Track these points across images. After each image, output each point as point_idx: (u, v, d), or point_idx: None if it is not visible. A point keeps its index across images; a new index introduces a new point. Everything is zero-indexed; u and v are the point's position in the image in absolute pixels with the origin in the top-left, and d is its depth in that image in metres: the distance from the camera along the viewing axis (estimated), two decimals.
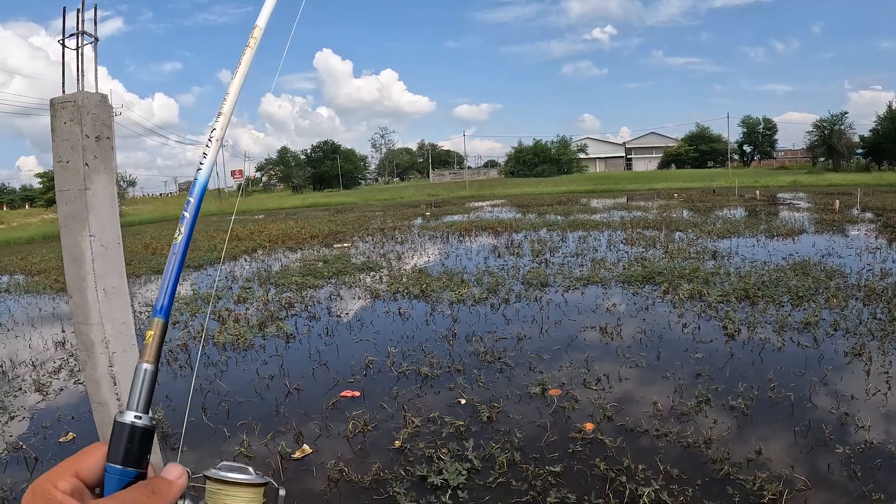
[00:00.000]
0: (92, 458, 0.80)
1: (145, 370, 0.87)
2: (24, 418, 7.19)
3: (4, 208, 78.96)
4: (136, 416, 0.82)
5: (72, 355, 9.45)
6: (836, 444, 5.27)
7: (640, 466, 5.02)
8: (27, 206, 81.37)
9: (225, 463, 0.87)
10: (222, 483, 0.84)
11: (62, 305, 13.83)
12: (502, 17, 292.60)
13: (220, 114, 1.02)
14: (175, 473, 0.82)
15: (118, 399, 5.00)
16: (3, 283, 18.81)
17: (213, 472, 0.85)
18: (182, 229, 0.94)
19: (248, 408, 6.95)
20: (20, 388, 8.18)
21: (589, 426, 5.89)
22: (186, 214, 0.94)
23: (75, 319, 5.10)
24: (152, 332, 0.89)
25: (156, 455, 5.49)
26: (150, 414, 0.85)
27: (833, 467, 4.93)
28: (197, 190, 0.97)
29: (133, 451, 0.80)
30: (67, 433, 6.58)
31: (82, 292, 4.90)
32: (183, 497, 0.83)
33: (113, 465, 0.79)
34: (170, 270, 0.92)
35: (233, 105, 1.02)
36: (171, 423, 6.62)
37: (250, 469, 0.86)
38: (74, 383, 8.22)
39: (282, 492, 0.90)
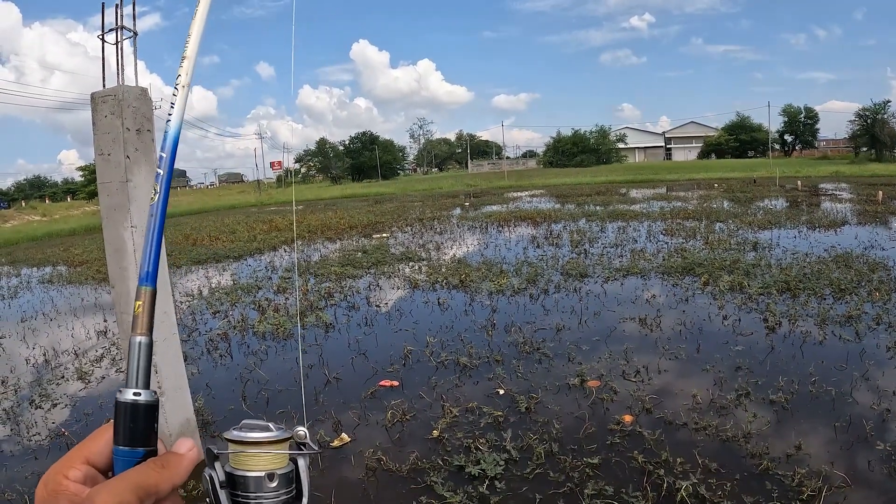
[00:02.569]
0: (100, 442, 0.79)
1: (139, 343, 0.81)
2: (66, 405, 7.32)
3: (47, 201, 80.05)
4: (135, 394, 0.78)
5: (113, 344, 9.59)
6: (876, 440, 5.17)
7: (679, 460, 4.99)
8: (69, 199, 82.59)
9: (246, 421, 0.84)
10: (244, 443, 0.81)
11: (104, 295, 14.04)
12: (539, 6, 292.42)
13: (184, 58, 0.94)
14: (186, 446, 0.80)
15: (160, 387, 5.08)
16: (46, 273, 19.15)
17: (233, 434, 0.82)
18: (157, 188, 0.87)
19: (287, 396, 7.01)
20: (63, 377, 8.34)
21: (627, 418, 5.87)
22: (160, 171, 0.87)
23: (117, 308, 5.18)
24: (140, 303, 0.83)
25: (195, 442, 5.57)
26: (151, 388, 0.80)
27: (873, 464, 4.86)
28: (168, 144, 0.89)
29: (138, 429, 0.78)
30: (109, 420, 6.62)
31: (124, 282, 4.97)
32: (212, 466, 0.81)
33: (119, 447, 0.77)
34: (151, 234, 0.85)
35: (196, 47, 0.95)
36: (213, 411, 6.70)
37: (272, 425, 0.83)
38: (116, 371, 8.35)
39: (301, 431, 0.87)
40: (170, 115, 0.90)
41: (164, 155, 0.88)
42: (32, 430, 6.61)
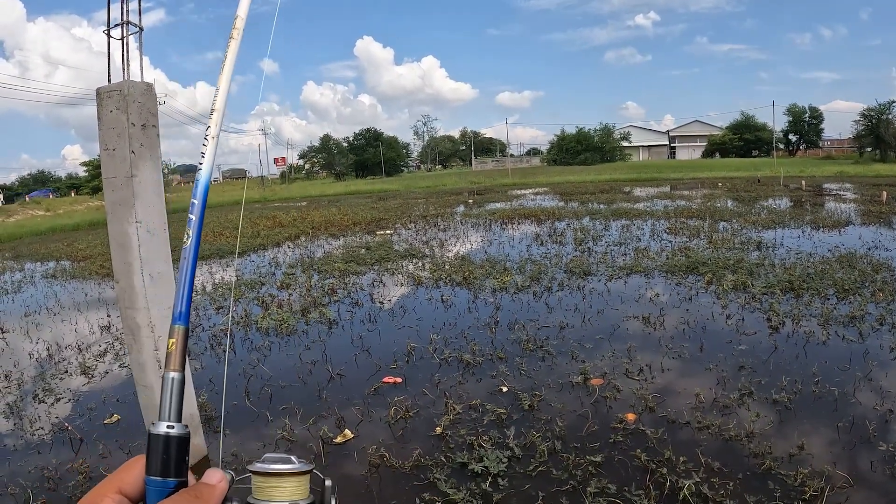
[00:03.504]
0: (133, 473, 0.82)
1: (172, 379, 0.86)
2: (69, 401, 7.33)
3: (51, 196, 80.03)
4: (168, 426, 0.82)
5: (117, 339, 9.61)
6: (879, 441, 5.17)
7: (681, 458, 4.98)
8: (73, 194, 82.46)
9: (268, 455, 0.87)
10: (267, 475, 0.85)
11: (107, 290, 14.06)
12: (544, 4, 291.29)
13: (213, 110, 1.02)
14: (216, 477, 0.84)
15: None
16: (50, 268, 19.18)
17: (257, 467, 0.86)
18: (190, 232, 0.94)
19: (291, 392, 7.02)
20: (66, 371, 8.35)
21: (630, 416, 5.87)
22: (192, 217, 0.94)
23: (121, 304, 5.18)
24: (174, 340, 0.89)
25: (198, 437, 5.58)
26: (183, 421, 0.85)
27: (876, 465, 4.86)
28: (199, 191, 0.96)
29: (171, 460, 0.81)
30: (112, 415, 6.70)
31: (129, 277, 4.98)
32: (229, 500, 0.85)
33: (152, 477, 0.80)
34: (184, 275, 0.92)
35: (224, 100, 1.03)
36: (214, 406, 6.71)
37: (293, 458, 0.87)
38: (119, 366, 8.36)
39: (328, 482, 0.91)
40: (200, 164, 0.99)
41: (195, 202, 0.95)
42: (35, 424, 6.61)
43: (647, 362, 7.31)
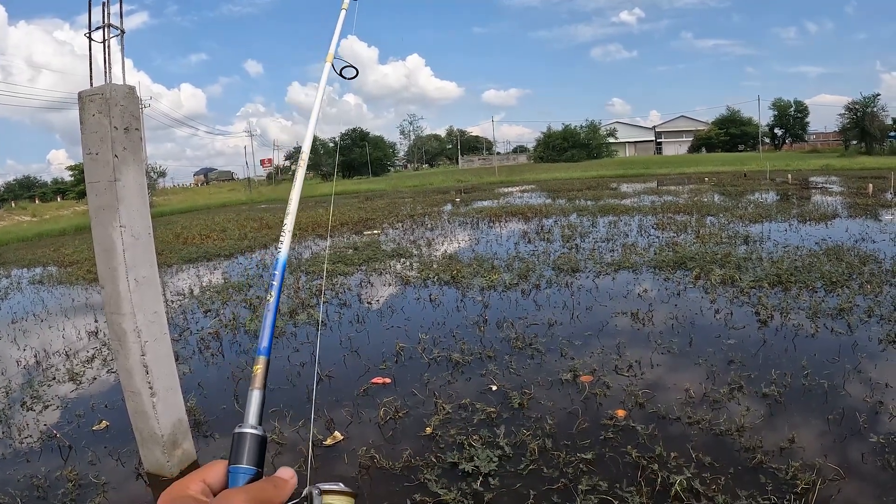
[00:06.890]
0: (215, 469, 0.96)
1: (255, 394, 1.13)
2: (57, 407, 7.28)
3: (37, 201, 79.51)
4: (251, 427, 1.04)
5: (104, 345, 9.55)
6: (869, 432, 5.18)
7: (672, 454, 4.98)
8: (59, 199, 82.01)
9: (320, 484, 1.04)
10: (335, 494, 1.01)
11: (95, 296, 13.99)
12: (530, 1, 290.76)
13: (287, 213, 1.38)
14: (289, 474, 0.98)
15: (150, 387, 5.05)
16: (36, 274, 19.07)
17: (321, 486, 1.02)
18: (272, 293, 1.28)
19: (280, 395, 6.97)
20: (54, 378, 8.28)
21: (620, 413, 5.87)
22: (274, 283, 1.30)
23: (107, 309, 5.14)
24: (258, 367, 1.17)
25: (188, 442, 5.54)
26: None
27: (867, 456, 4.87)
28: (280, 264, 1.32)
29: (251, 453, 1.00)
30: (101, 421, 6.64)
31: (114, 282, 4.94)
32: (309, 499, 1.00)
33: (236, 465, 0.98)
34: (266, 321, 1.22)
35: (296, 208, 1.41)
36: (205, 411, 6.67)
37: (341, 484, 1.03)
38: (107, 372, 8.31)
39: None
40: (279, 249, 1.36)
41: (276, 273, 1.32)
42: (24, 432, 6.56)
43: (637, 358, 7.31)
